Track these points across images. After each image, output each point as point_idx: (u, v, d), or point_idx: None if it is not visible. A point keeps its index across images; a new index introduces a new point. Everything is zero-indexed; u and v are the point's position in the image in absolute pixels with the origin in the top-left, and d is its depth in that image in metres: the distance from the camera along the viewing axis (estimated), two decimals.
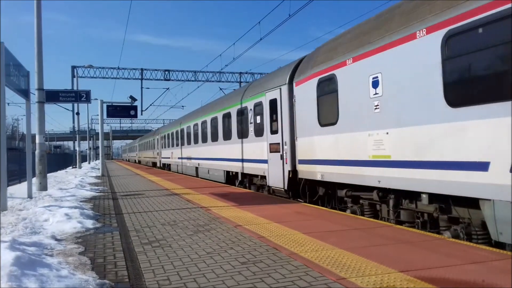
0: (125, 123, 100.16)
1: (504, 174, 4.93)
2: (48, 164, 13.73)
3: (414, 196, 6.91)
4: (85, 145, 55.53)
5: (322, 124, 9.13)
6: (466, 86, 5.57)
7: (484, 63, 5.33)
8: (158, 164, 36.76)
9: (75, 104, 34.35)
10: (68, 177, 20.50)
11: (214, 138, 17.84)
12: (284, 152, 10.88)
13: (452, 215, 6.23)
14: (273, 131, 11.50)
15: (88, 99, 14.45)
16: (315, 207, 8.66)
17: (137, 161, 62.39)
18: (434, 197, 6.33)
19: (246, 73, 43.28)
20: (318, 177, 9.34)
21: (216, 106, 17.88)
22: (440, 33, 5.91)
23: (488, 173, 5.18)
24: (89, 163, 46.92)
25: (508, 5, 4.92)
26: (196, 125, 21.48)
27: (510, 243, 4.96)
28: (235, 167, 14.94)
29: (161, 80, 42.07)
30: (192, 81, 42.83)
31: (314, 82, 9.44)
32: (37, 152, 12.00)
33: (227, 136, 15.87)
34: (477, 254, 4.56)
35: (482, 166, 5.26)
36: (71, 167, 35.63)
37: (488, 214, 5.23)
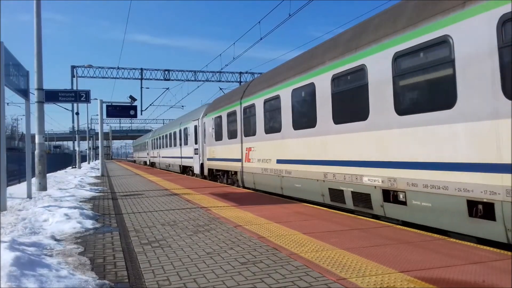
0: (125, 123, 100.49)
1: None
2: (47, 164, 13.72)
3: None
4: (84, 145, 55.58)
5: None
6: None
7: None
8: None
9: (75, 104, 34.35)
10: (68, 177, 20.48)
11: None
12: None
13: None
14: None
15: (87, 99, 14.44)
16: (315, 207, 8.66)
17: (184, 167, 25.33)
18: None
19: (246, 72, 43.31)
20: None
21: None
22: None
23: None
24: (88, 163, 46.90)
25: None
26: None
27: None
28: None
29: (161, 80, 42.13)
30: (192, 81, 42.89)
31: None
32: (36, 152, 11.98)
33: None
34: (477, 254, 4.56)
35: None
36: (70, 167, 35.62)
37: None
